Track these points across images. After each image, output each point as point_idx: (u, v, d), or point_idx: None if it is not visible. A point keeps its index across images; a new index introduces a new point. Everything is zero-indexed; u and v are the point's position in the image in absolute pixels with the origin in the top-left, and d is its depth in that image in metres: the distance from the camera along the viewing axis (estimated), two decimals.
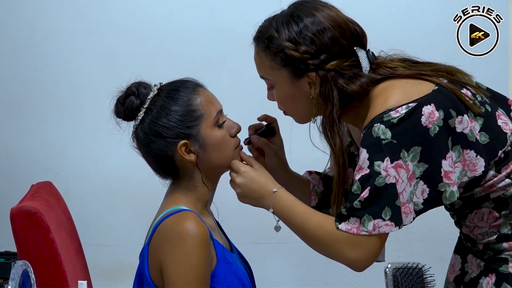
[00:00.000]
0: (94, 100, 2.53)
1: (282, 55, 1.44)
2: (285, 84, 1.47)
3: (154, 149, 1.47)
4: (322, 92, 1.44)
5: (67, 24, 2.60)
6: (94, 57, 2.60)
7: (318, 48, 1.43)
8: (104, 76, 2.56)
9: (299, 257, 2.63)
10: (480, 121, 1.43)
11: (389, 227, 1.37)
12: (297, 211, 1.45)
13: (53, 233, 1.60)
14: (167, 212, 1.45)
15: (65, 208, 1.89)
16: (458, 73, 1.49)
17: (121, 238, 2.61)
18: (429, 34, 1.47)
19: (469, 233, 1.51)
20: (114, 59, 2.60)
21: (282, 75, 1.46)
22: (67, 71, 2.61)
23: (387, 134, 1.37)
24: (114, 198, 2.62)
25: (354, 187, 1.39)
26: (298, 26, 1.44)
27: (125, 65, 2.54)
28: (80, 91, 2.61)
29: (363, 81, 1.44)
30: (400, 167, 1.37)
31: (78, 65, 2.60)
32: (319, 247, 1.44)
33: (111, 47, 2.61)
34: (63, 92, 2.61)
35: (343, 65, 1.44)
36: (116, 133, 1.52)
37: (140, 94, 1.49)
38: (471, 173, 1.42)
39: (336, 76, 1.43)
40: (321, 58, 1.43)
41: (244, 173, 1.48)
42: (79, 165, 2.62)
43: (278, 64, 1.45)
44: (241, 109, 2.07)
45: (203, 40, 2.61)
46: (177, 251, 1.38)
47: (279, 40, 1.44)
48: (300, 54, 1.43)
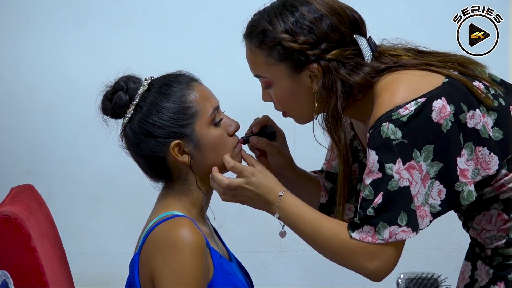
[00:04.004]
0: (79, 96, 2.53)
1: (279, 48, 1.45)
2: (284, 80, 1.48)
3: (144, 150, 1.48)
4: (326, 84, 1.45)
5: (49, 11, 2.60)
6: (79, 48, 2.60)
7: (318, 37, 1.44)
8: (90, 69, 2.55)
9: (304, 267, 2.63)
10: (493, 116, 1.44)
11: (406, 233, 1.39)
12: (307, 218, 1.46)
13: (34, 241, 1.59)
14: (159, 218, 1.45)
15: (47, 214, 1.88)
16: (470, 64, 1.50)
17: (109, 247, 2.61)
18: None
19: (477, 236, 1.53)
20: (101, 51, 2.59)
21: (280, 71, 1.47)
22: (49, 64, 2.60)
23: (397, 133, 1.38)
24: (101, 203, 2.62)
25: (366, 192, 1.40)
26: (294, 16, 1.45)
27: (113, 57, 2.54)
28: (63, 85, 2.60)
29: (366, 71, 1.45)
30: (413, 168, 1.38)
31: (61, 57, 2.60)
32: (333, 256, 1.45)
33: (98, 37, 2.60)
34: (44, 87, 2.61)
35: (344, 54, 1.45)
36: (103, 131, 1.53)
37: (129, 89, 1.49)
38: (484, 172, 1.43)
39: (338, 66, 1.44)
40: (321, 48, 1.44)
41: (247, 176, 1.48)
42: (62, 166, 2.61)
43: (275, 59, 1.46)
44: (239, 105, 2.08)
45: (198, 30, 2.60)
46: (170, 261, 1.38)
47: (275, 33, 1.45)
48: (299, 45, 1.44)
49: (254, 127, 1.62)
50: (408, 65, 1.46)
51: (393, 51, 1.50)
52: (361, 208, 1.41)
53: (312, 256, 2.42)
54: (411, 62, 1.47)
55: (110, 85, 1.52)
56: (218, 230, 1.64)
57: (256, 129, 1.62)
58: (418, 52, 1.52)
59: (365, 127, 1.54)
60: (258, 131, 1.62)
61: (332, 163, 1.72)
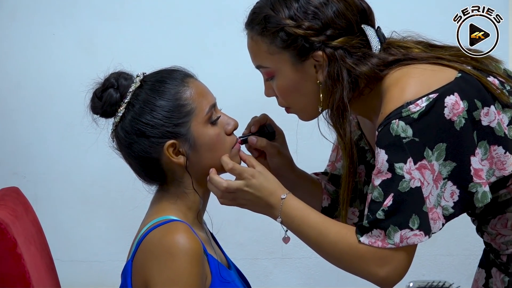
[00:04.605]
0: (67, 93, 2.55)
1: (282, 34, 1.45)
2: (288, 70, 1.48)
3: (137, 151, 1.47)
4: (331, 74, 1.45)
5: (35, 3, 2.60)
6: (67, 42, 2.61)
7: (323, 23, 1.45)
8: (79, 65, 2.57)
9: (307, 275, 2.63)
10: (509, 113, 1.44)
11: (418, 237, 1.38)
12: (312, 221, 1.46)
13: (20, 247, 1.61)
14: (154, 223, 1.45)
15: (34, 218, 1.89)
16: (484, 59, 1.50)
17: (100, 253, 2.63)
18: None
19: (491, 241, 1.53)
20: (91, 45, 2.61)
21: (284, 60, 1.47)
22: (36, 59, 2.62)
23: (407, 131, 1.38)
24: (91, 207, 2.64)
25: (375, 193, 1.40)
26: (298, 1, 1.46)
27: (104, 52, 2.56)
28: (50, 82, 2.61)
29: (374, 62, 1.45)
30: (425, 168, 1.38)
31: (49, 51, 2.61)
32: (340, 262, 1.45)
33: (87, 30, 2.61)
34: (30, 84, 2.62)
35: (351, 43, 1.45)
36: (93, 131, 1.52)
37: (120, 86, 1.49)
38: (499, 172, 1.43)
39: (344, 55, 1.45)
40: (327, 34, 1.45)
41: (247, 178, 1.47)
42: (50, 168, 2.63)
43: (278, 46, 1.46)
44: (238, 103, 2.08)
45: (194, 22, 2.61)
46: (165, 269, 1.37)
47: (278, 18, 1.46)
48: (303, 31, 1.44)
49: (253, 127, 1.62)
50: (418, 58, 1.47)
51: (403, 43, 1.51)
52: (369, 211, 1.41)
53: (316, 263, 2.44)
54: (421, 55, 1.48)
55: (100, 82, 1.52)
56: (216, 235, 1.64)
57: (254, 128, 1.62)
58: (430, 45, 1.53)
59: (372, 125, 1.54)
60: (257, 131, 1.61)
61: (336, 165, 1.73)
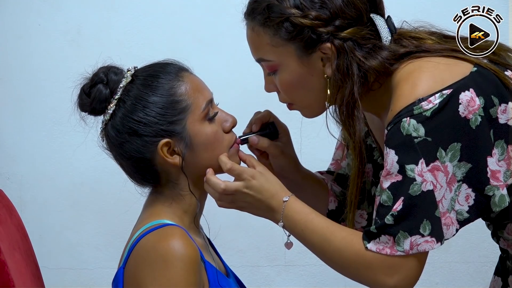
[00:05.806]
0: (53, 89, 2.55)
1: (287, 25, 1.44)
2: (292, 63, 1.47)
3: (128, 151, 1.47)
4: (340, 67, 1.44)
5: None
6: (54, 34, 2.61)
7: (331, 12, 1.44)
8: (66, 58, 2.57)
9: (312, 283, 2.62)
10: None
11: (430, 243, 1.38)
12: (316, 226, 1.45)
13: (4, 254, 1.60)
14: (147, 227, 1.45)
15: (19, 223, 1.89)
16: (502, 51, 1.50)
17: (89, 260, 2.63)
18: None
19: (508, 247, 1.53)
20: (79, 37, 2.61)
21: (288, 52, 1.47)
22: (20, 51, 2.62)
23: (419, 130, 1.37)
24: (79, 210, 2.64)
25: (384, 197, 1.39)
26: None
27: (92, 44, 2.56)
28: (36, 77, 2.62)
29: (384, 55, 1.45)
30: (438, 170, 1.38)
31: (34, 43, 2.61)
32: (346, 270, 1.45)
33: (75, 21, 2.61)
34: (14, 78, 2.62)
35: (361, 34, 1.45)
36: (81, 130, 1.52)
37: (110, 81, 1.49)
38: None
39: (354, 47, 1.44)
40: (335, 25, 1.44)
41: (247, 179, 1.47)
42: (35, 169, 2.63)
43: (282, 38, 1.45)
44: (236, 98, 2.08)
45: (189, 12, 2.61)
46: (160, 276, 1.37)
47: (282, 8, 1.45)
48: (310, 21, 1.43)
49: (254, 125, 1.61)
50: (431, 50, 1.46)
51: (415, 33, 1.50)
52: (378, 216, 1.40)
53: (320, 271, 2.43)
54: (435, 47, 1.47)
55: (88, 77, 1.52)
56: (214, 241, 1.64)
57: (256, 127, 1.61)
58: (443, 37, 1.52)
59: (381, 122, 1.54)
60: (258, 130, 1.61)
61: (341, 164, 1.72)
